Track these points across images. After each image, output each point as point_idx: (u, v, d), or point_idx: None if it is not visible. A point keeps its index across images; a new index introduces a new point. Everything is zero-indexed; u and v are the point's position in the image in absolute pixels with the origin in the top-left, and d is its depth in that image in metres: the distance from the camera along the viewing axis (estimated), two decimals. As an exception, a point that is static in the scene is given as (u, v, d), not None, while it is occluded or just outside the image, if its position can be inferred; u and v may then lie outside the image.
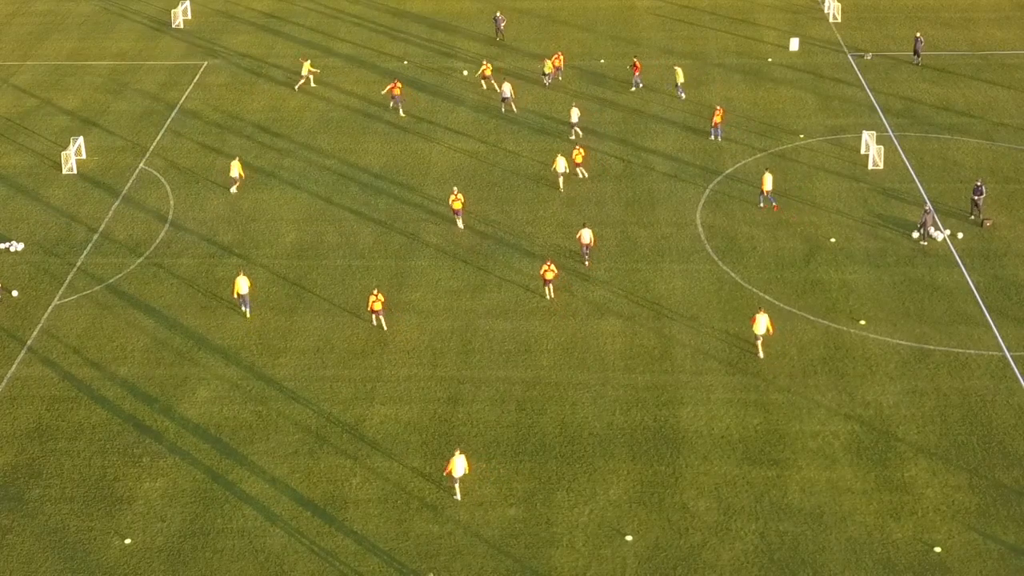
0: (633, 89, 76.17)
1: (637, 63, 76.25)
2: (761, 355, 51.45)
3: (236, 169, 65.13)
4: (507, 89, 72.90)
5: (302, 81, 77.17)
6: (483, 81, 76.82)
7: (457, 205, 60.79)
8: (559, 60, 77.92)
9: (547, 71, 76.20)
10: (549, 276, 55.02)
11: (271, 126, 73.48)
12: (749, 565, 41.57)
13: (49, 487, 45.89)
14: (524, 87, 77.54)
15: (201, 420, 49.17)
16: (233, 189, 65.41)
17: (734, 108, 73.87)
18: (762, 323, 50.85)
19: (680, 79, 74.60)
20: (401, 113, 73.46)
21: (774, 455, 46.34)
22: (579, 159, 65.18)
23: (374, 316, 54.17)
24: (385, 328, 54.01)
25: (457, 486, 44.64)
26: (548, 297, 55.77)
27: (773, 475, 45.37)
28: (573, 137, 70.37)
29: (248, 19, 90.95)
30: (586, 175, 65.71)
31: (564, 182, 65.22)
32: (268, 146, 71.00)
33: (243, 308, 55.19)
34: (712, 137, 69.99)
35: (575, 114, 70.03)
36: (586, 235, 57.41)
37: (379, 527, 43.61)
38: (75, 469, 46.73)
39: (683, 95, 74.76)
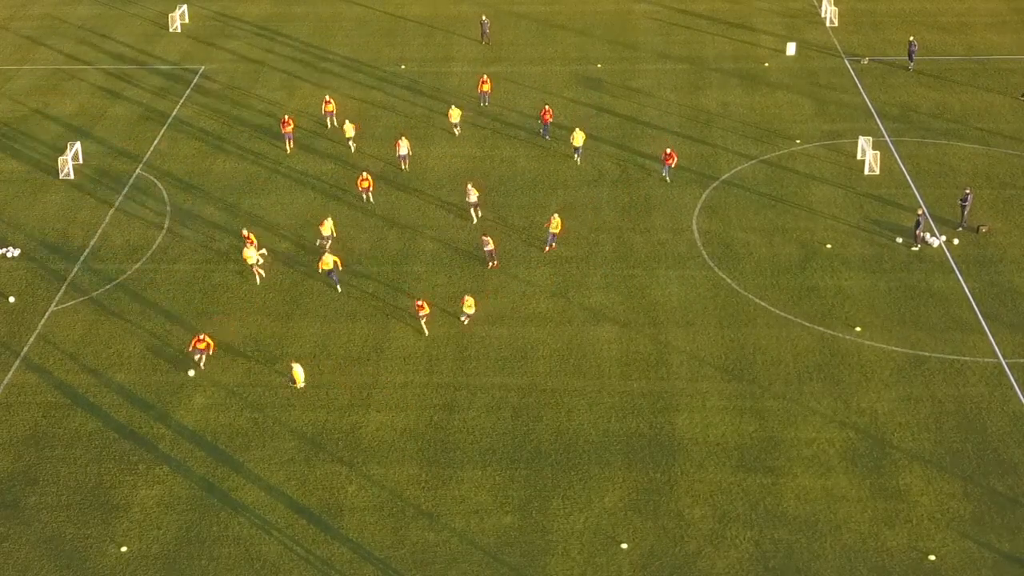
0: (545, 137, 71.60)
1: (548, 109, 70.83)
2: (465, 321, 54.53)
3: (329, 228, 60.31)
4: (404, 147, 67.61)
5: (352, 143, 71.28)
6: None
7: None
8: (487, 84, 75.15)
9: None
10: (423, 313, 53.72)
11: (268, 130, 73.52)
12: (744, 573, 41.65)
13: (45, 494, 45.94)
14: (521, 91, 77.61)
15: (197, 427, 49.22)
16: (327, 244, 60.67)
17: (731, 113, 73.93)
18: (470, 303, 54.05)
19: (578, 142, 67.54)
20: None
21: (769, 462, 46.42)
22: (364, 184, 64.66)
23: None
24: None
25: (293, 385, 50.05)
26: (425, 334, 54.07)
27: (768, 483, 45.45)
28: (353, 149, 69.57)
29: (245, 23, 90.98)
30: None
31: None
32: (265, 150, 71.04)
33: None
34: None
35: (350, 129, 69.36)
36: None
37: (375, 535, 43.68)
38: (71, 476, 46.80)
39: (579, 159, 68.28)
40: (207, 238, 62.21)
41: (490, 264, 58.81)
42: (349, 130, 70.00)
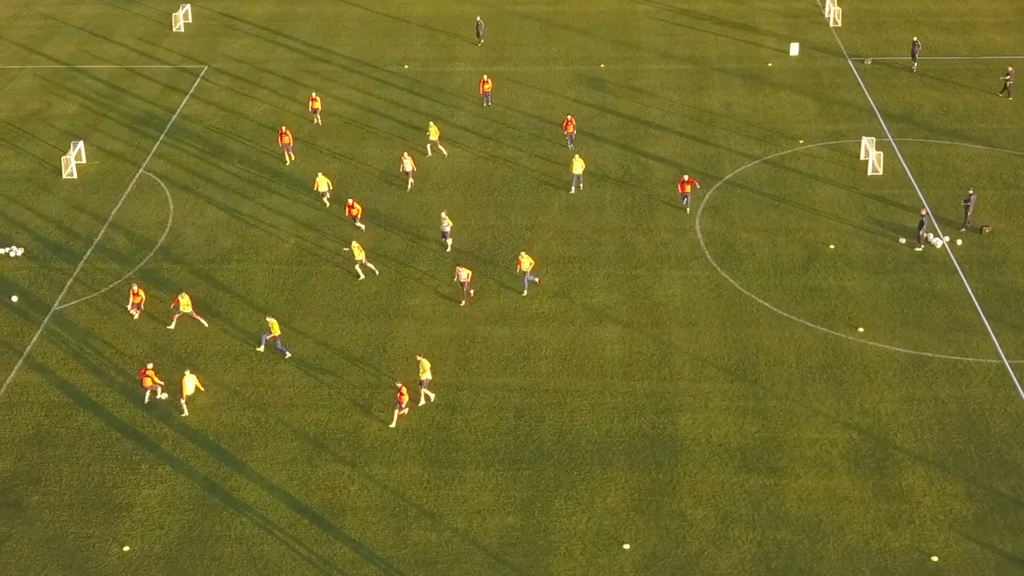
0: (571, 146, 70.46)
1: (571, 119, 69.34)
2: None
3: (361, 252, 57.81)
4: (408, 163, 65.67)
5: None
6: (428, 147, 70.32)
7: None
8: (488, 85, 75.01)
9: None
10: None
11: (271, 131, 73.53)
12: (747, 574, 41.61)
13: (48, 494, 45.95)
14: (521, 91, 77.60)
15: (200, 427, 49.22)
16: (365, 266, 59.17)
17: (734, 113, 73.90)
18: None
19: (577, 170, 64.62)
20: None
21: (772, 463, 46.38)
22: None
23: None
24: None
25: (183, 402, 49.14)
26: (407, 410, 49.73)
27: (771, 483, 45.41)
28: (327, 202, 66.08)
29: (249, 24, 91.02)
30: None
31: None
32: (267, 151, 71.06)
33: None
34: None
35: (323, 183, 64.46)
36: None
37: (377, 535, 43.67)
38: (74, 476, 46.80)
39: (580, 186, 65.32)
40: (210, 237, 62.22)
41: (463, 302, 55.79)
42: (322, 184, 64.34)
